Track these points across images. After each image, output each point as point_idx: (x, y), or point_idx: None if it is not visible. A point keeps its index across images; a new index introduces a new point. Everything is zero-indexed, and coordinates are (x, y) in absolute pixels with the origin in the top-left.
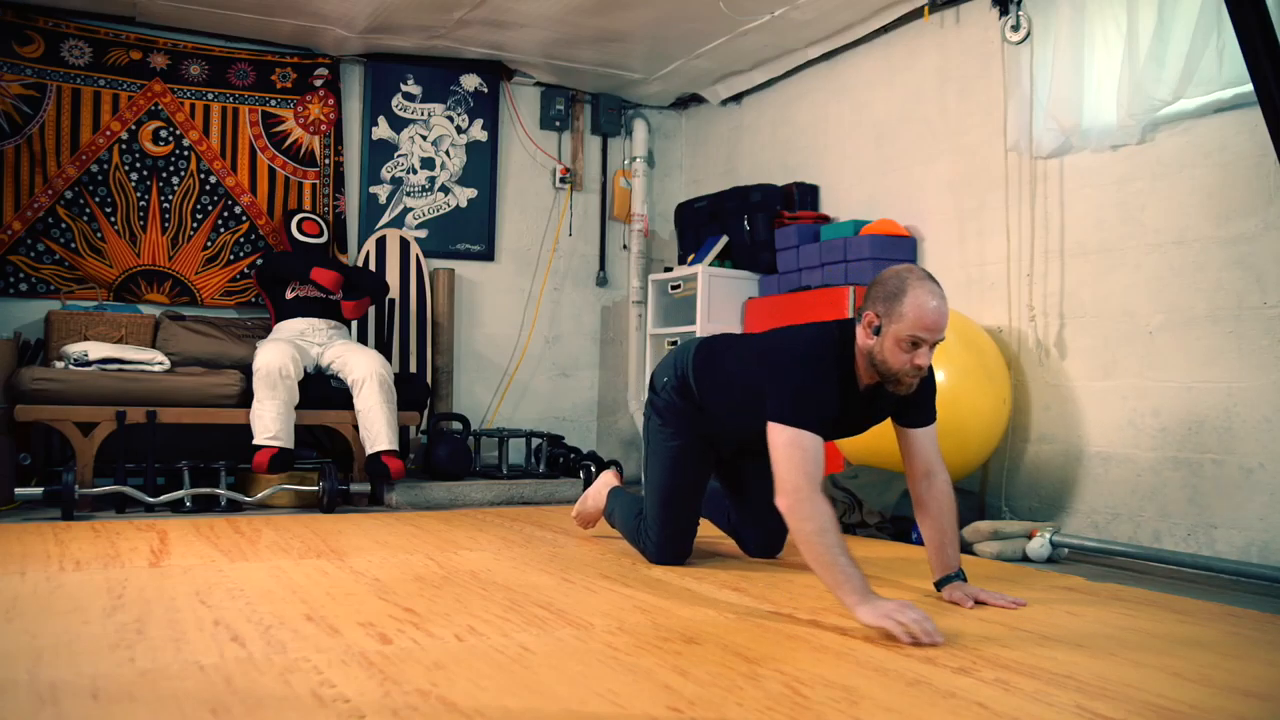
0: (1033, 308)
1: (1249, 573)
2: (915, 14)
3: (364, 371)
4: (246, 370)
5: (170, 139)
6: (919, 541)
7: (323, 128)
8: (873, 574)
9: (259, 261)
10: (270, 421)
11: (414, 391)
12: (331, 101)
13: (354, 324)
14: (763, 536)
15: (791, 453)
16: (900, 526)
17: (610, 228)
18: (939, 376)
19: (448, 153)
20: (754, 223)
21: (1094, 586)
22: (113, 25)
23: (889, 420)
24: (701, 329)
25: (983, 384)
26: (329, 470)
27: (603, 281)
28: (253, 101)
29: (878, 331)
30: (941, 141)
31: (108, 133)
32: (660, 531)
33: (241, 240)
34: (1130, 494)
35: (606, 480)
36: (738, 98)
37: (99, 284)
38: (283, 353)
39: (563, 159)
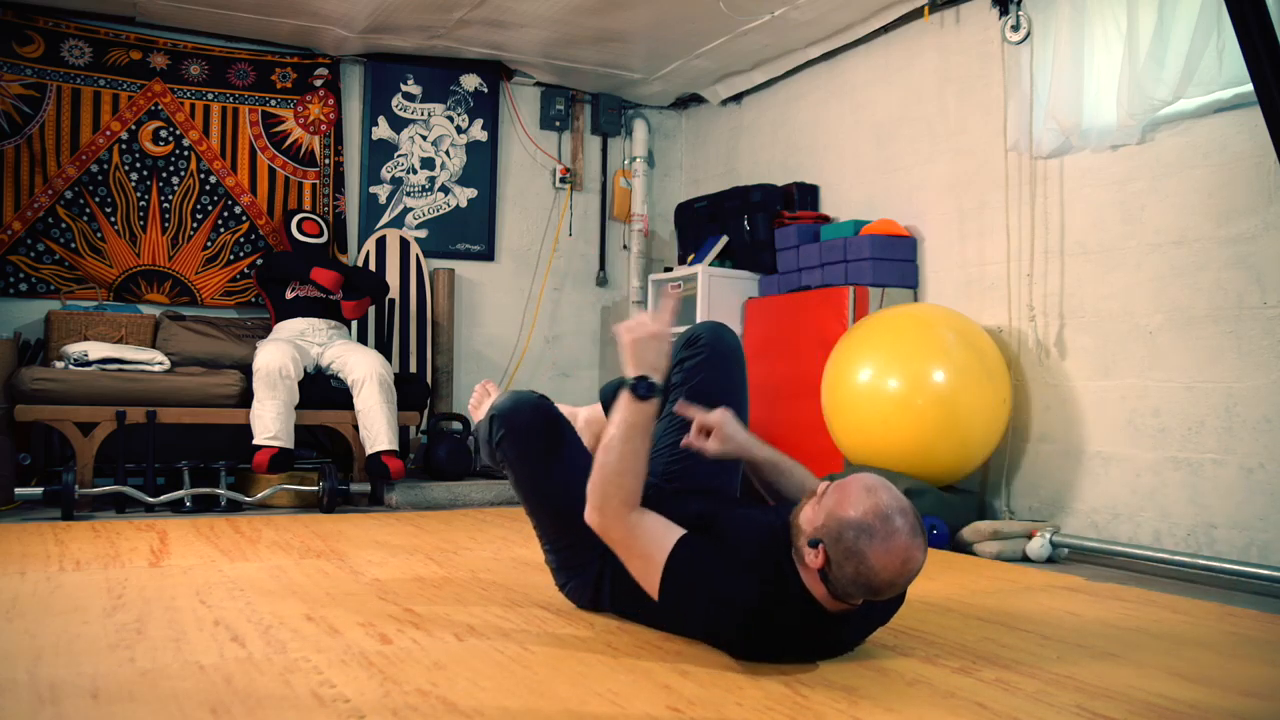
0: (1033, 308)
1: (1249, 573)
2: (915, 14)
3: (364, 371)
4: (246, 370)
5: (170, 139)
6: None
7: (323, 128)
8: None
9: (259, 261)
10: (270, 421)
11: (414, 391)
12: (331, 101)
13: (354, 324)
14: None
15: None
16: None
17: (610, 228)
18: (938, 377)
19: (448, 153)
20: (754, 223)
21: (1094, 586)
22: (113, 25)
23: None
24: None
25: (983, 384)
26: (329, 470)
27: (603, 281)
28: (253, 101)
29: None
30: (941, 141)
31: (108, 133)
32: None
33: (241, 240)
34: (1130, 494)
35: None
36: (738, 98)
37: (99, 284)
38: (283, 353)
39: (563, 159)
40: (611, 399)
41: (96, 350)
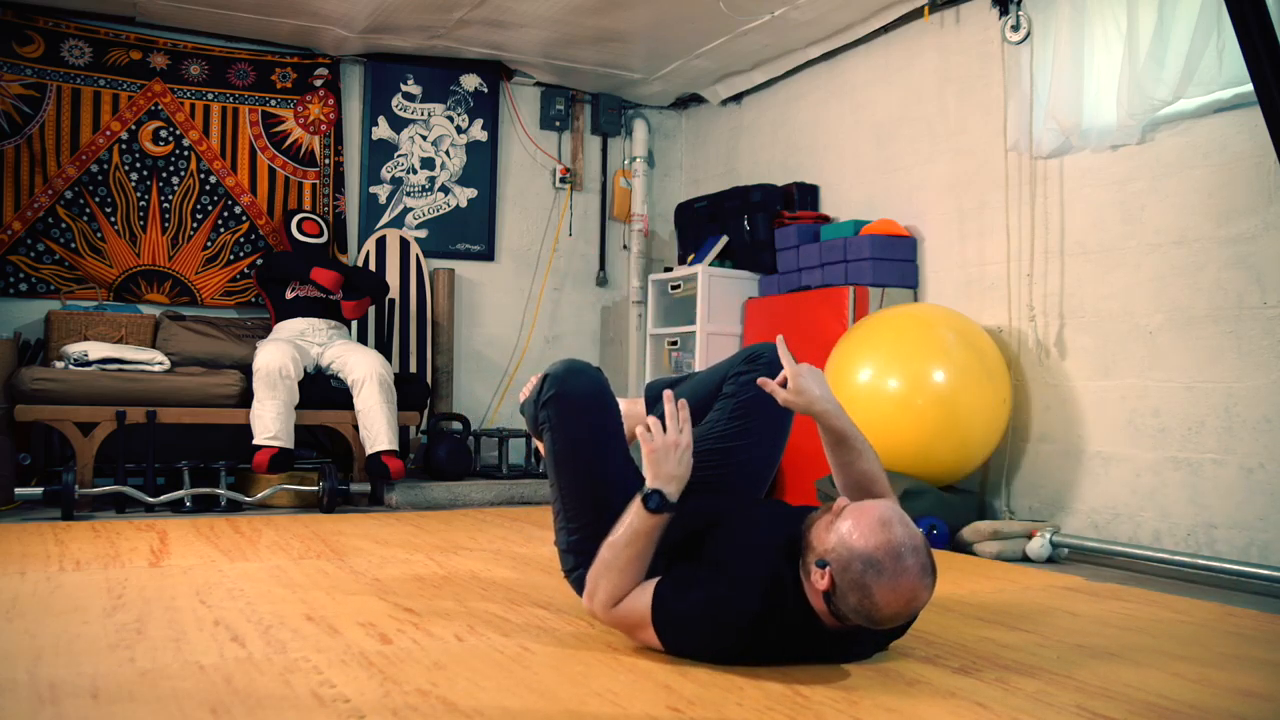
0: (1033, 308)
1: (1249, 573)
2: (915, 14)
3: (364, 371)
4: (246, 370)
5: (170, 139)
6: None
7: (323, 128)
8: None
9: (259, 261)
10: (270, 421)
11: (414, 391)
12: (331, 101)
13: (354, 324)
14: None
15: None
16: None
17: (610, 228)
18: (938, 377)
19: (448, 153)
20: (754, 223)
21: (1094, 586)
22: (113, 25)
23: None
24: (701, 329)
25: (983, 384)
26: (329, 470)
27: (603, 281)
28: (253, 101)
29: None
30: (941, 141)
31: (108, 133)
32: None
33: (241, 240)
34: (1130, 494)
35: None
36: (738, 98)
37: (99, 284)
38: (283, 353)
39: (563, 159)
40: (656, 400)
41: (96, 350)
